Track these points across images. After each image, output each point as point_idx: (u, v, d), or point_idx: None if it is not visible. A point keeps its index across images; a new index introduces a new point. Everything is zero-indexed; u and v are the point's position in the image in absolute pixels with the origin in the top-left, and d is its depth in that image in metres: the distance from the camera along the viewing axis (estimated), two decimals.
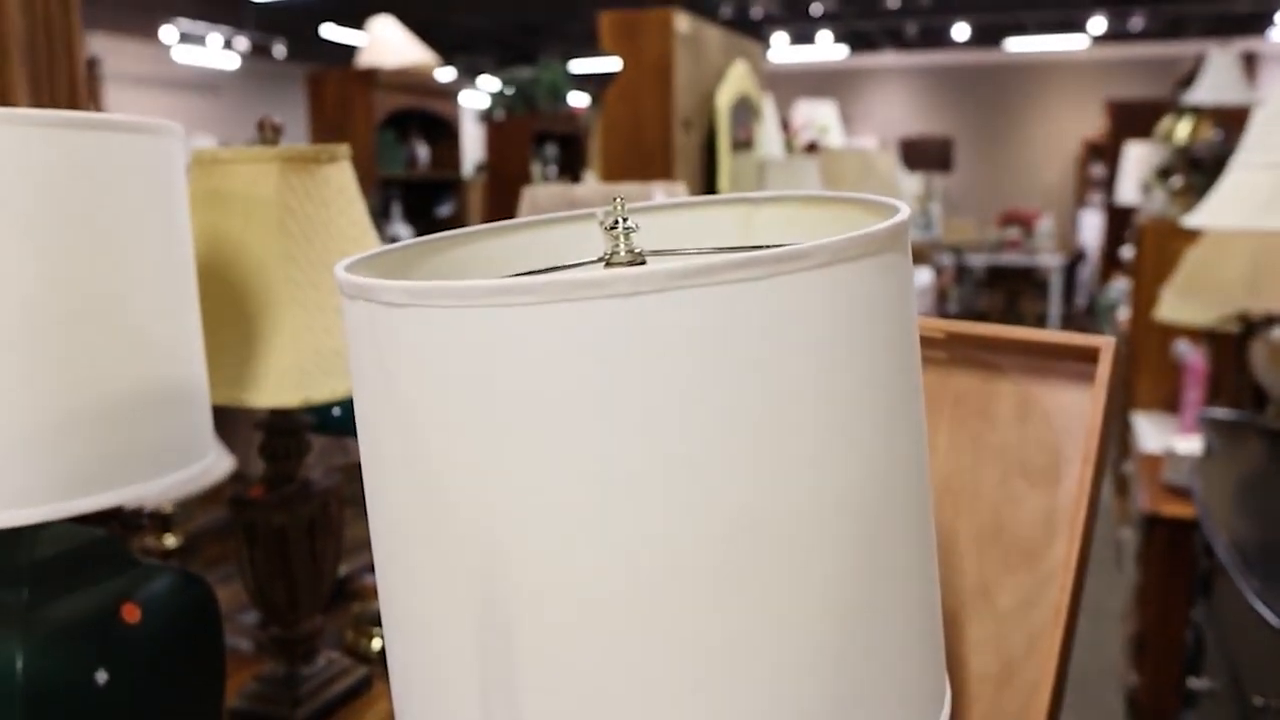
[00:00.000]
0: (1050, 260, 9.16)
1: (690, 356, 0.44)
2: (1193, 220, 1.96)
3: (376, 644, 1.31)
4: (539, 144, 5.33)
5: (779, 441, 0.45)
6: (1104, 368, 0.75)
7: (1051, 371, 0.80)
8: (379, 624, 1.32)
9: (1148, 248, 3.36)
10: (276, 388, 0.99)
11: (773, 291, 0.45)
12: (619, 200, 0.58)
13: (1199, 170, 3.73)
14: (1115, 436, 3.99)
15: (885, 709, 0.51)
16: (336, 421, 1.33)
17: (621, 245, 0.57)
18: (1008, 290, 9.42)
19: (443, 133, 4.82)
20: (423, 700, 0.52)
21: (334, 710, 1.14)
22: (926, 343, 0.84)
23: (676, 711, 0.46)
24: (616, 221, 0.57)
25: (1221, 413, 2.35)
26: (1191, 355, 2.91)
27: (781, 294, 0.45)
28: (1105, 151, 8.66)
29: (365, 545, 1.52)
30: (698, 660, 0.46)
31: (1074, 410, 0.79)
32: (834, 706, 0.49)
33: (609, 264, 0.57)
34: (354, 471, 1.50)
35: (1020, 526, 0.80)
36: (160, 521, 1.61)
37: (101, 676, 0.84)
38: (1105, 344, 0.75)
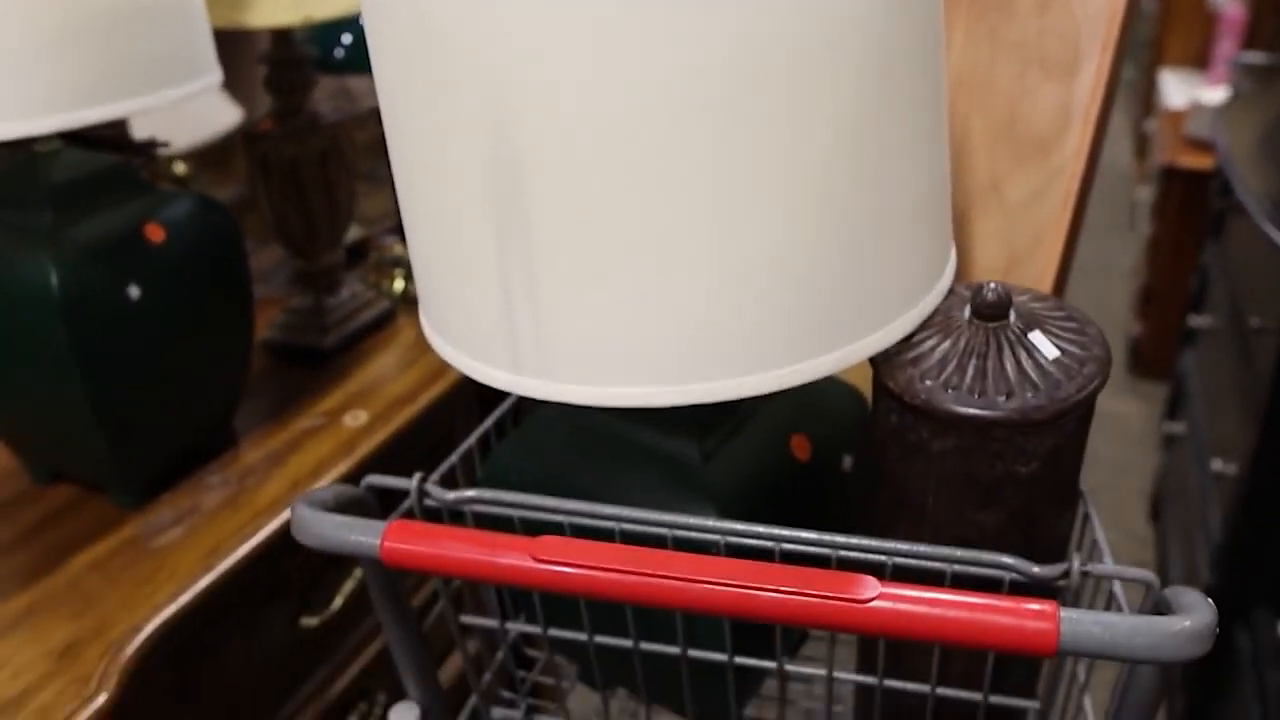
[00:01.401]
0: None
1: None
2: None
3: (399, 285, 1.34)
4: None
5: None
6: None
7: None
8: (399, 265, 1.35)
9: None
10: (274, 6, 0.96)
11: None
12: None
13: None
14: (1139, 95, 3.89)
15: (892, 254, 0.52)
16: (339, 62, 1.30)
17: None
18: None
19: None
20: (441, 255, 0.54)
21: (360, 338, 1.19)
22: None
23: (688, 247, 0.47)
24: None
25: (1254, 57, 2.27)
26: (1229, 4, 2.78)
27: None
28: None
29: (382, 216, 1.53)
30: (707, 196, 0.46)
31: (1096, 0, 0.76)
32: (842, 247, 0.50)
33: None
34: (363, 120, 1.48)
35: (1034, 119, 0.79)
36: (175, 185, 1.62)
37: (134, 291, 0.87)
38: None
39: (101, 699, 0.74)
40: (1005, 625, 0.44)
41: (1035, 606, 0.45)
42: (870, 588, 0.47)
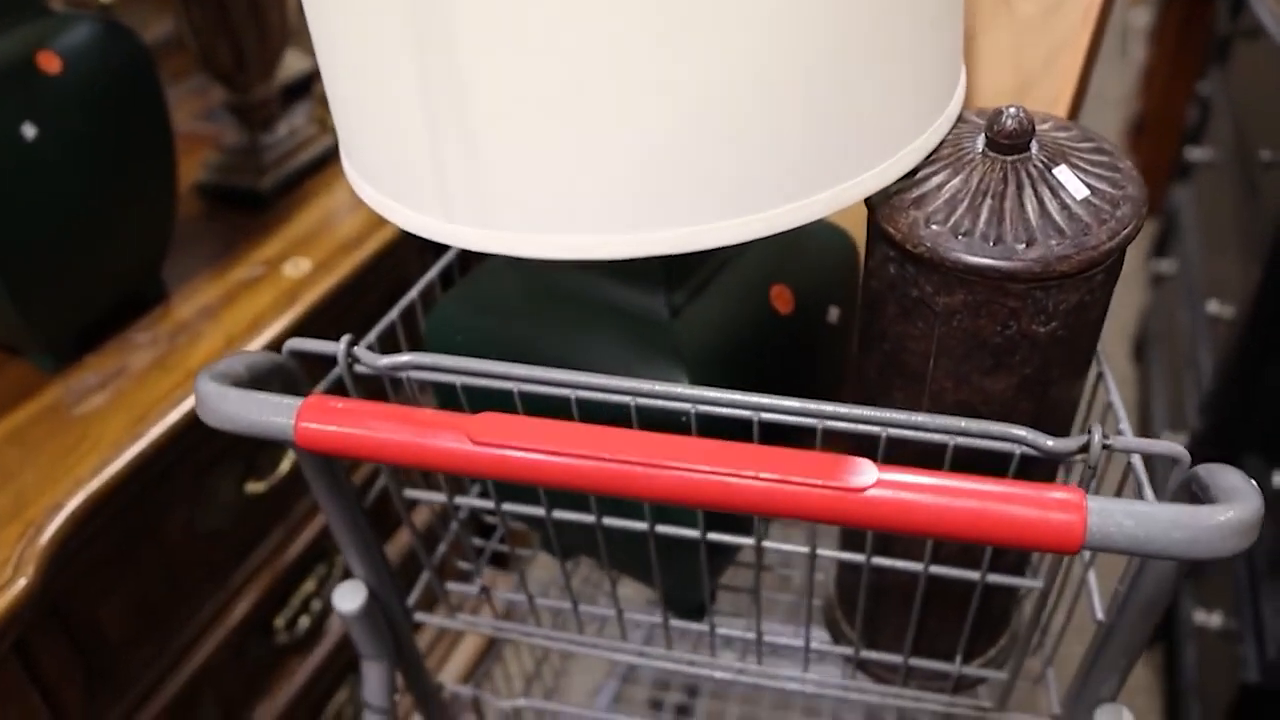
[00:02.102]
0: None
1: None
2: None
3: None
4: None
5: None
6: None
7: None
8: None
9: None
10: None
11: None
12: None
13: None
14: None
15: (892, 74, 0.44)
16: None
17: None
18: None
19: None
20: (356, 81, 0.44)
21: (302, 180, 1.09)
22: None
23: (643, 64, 0.38)
24: None
25: None
26: None
27: None
28: None
29: None
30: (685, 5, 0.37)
31: None
32: (830, 65, 0.41)
33: None
34: None
35: None
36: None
37: (29, 131, 0.77)
38: None
39: (20, 584, 0.68)
40: (1025, 519, 0.37)
41: (1059, 495, 0.38)
42: (865, 473, 0.40)
